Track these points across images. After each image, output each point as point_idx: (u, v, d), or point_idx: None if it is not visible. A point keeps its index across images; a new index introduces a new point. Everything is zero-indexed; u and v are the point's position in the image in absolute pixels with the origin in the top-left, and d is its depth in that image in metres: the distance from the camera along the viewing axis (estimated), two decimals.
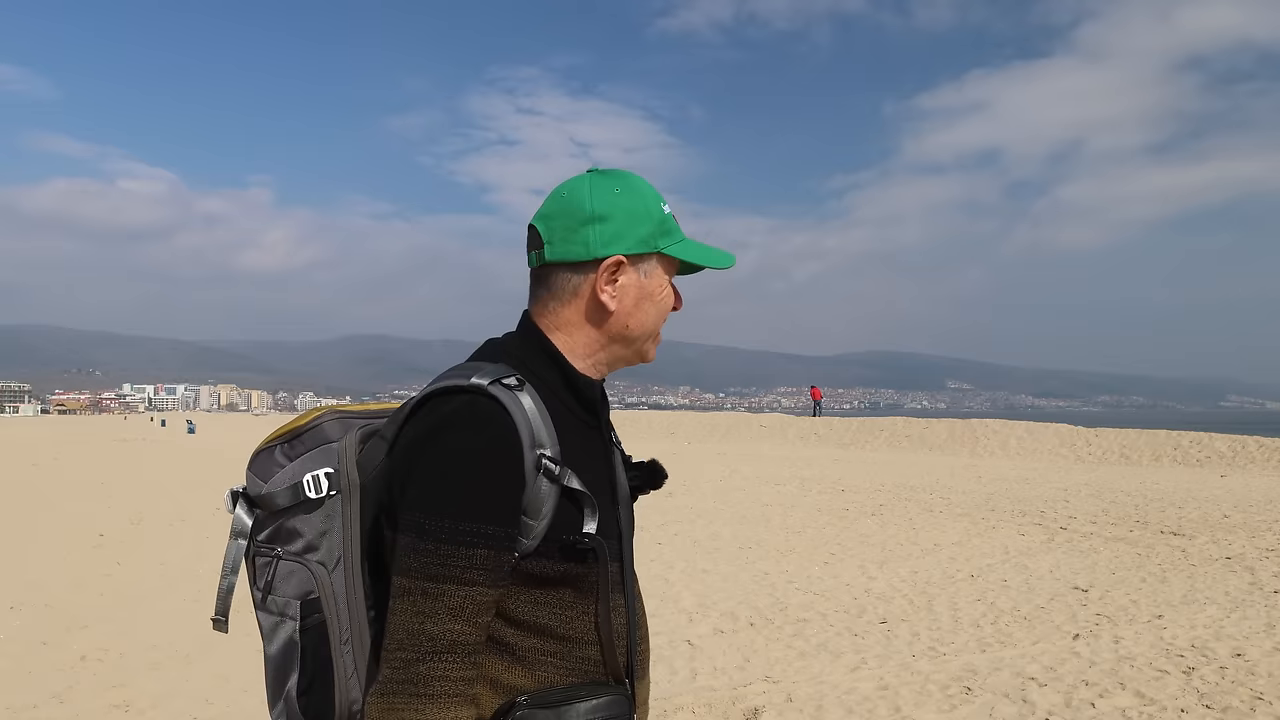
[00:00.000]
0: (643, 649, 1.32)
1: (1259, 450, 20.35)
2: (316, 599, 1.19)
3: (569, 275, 1.25)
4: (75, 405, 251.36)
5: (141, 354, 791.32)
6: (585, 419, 1.27)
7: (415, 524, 1.11)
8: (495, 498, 1.12)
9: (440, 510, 1.11)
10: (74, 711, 4.82)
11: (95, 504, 14.19)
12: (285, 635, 1.21)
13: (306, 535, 1.21)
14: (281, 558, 1.22)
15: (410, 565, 1.10)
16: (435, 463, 1.12)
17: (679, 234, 1.30)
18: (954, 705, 4.57)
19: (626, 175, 1.30)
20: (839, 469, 19.46)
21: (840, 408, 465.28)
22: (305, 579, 1.20)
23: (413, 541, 1.10)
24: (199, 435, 50.86)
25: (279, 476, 1.23)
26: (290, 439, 1.25)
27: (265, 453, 1.26)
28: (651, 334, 1.31)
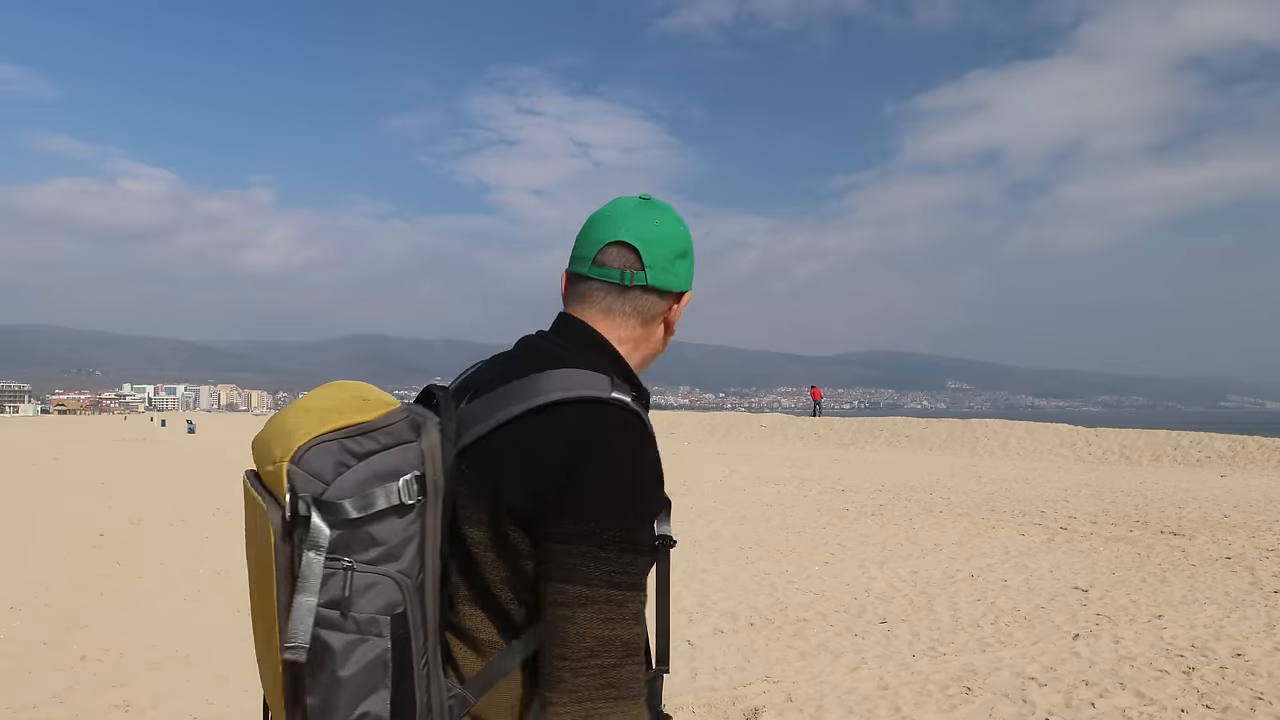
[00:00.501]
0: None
1: (1259, 450, 20.35)
2: (404, 613, 1.12)
3: (656, 300, 1.33)
4: (75, 405, 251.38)
5: (141, 354, 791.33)
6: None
7: (590, 534, 1.12)
8: (653, 507, 1.19)
9: (620, 520, 1.13)
10: (74, 711, 4.82)
11: (95, 504, 14.19)
12: (371, 654, 1.11)
13: (387, 543, 1.12)
14: (356, 569, 1.11)
15: (591, 574, 1.11)
16: (608, 474, 1.15)
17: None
18: (954, 705, 4.57)
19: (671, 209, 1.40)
20: (839, 469, 19.47)
21: (840, 408, 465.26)
22: (390, 591, 1.12)
23: (589, 550, 1.12)
24: (199, 435, 50.87)
25: (349, 477, 1.11)
26: (357, 434, 1.13)
27: (322, 446, 1.12)
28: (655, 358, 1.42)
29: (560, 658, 1.11)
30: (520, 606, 1.18)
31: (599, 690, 1.10)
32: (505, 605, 1.18)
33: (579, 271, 1.33)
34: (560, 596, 1.11)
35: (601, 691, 1.10)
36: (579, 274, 1.34)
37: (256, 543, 1.19)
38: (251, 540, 1.22)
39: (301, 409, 1.18)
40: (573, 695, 1.10)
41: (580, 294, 1.33)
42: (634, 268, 1.30)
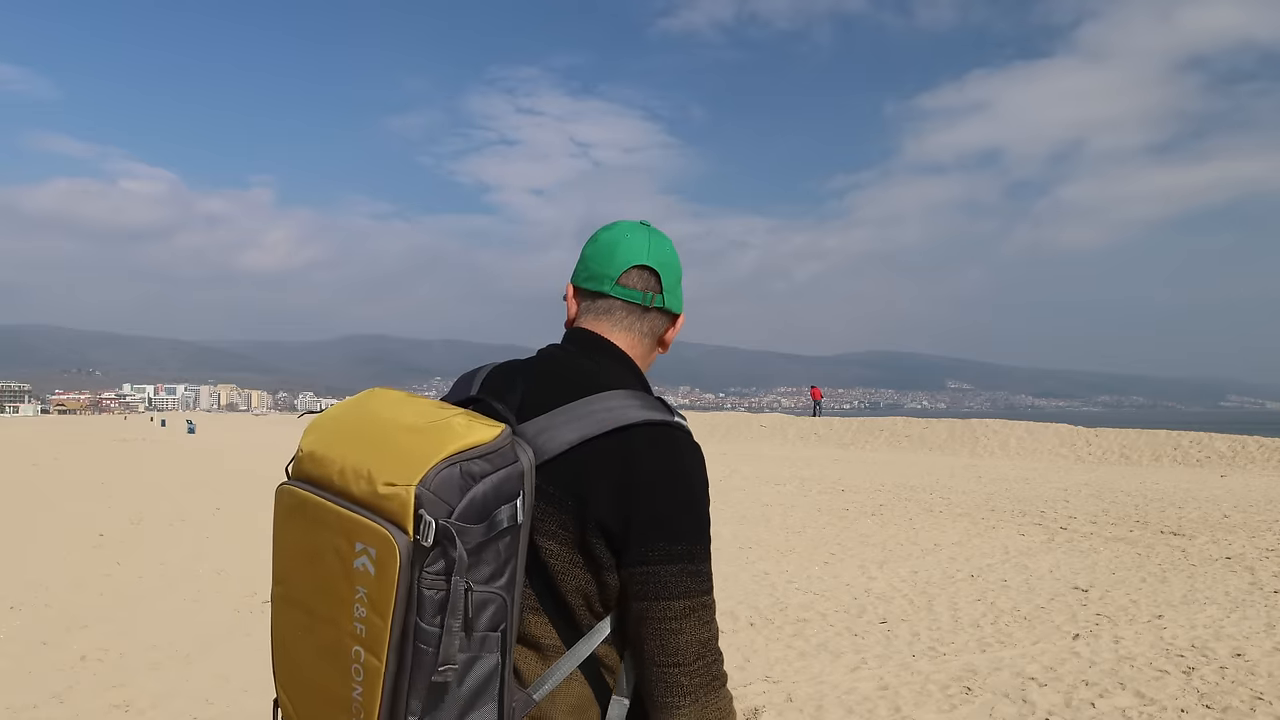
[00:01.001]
0: None
1: (1259, 450, 20.36)
2: (506, 629, 1.17)
3: (664, 321, 1.45)
4: (75, 405, 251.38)
5: (141, 354, 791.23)
6: None
7: (687, 553, 1.23)
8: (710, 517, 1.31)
9: (705, 536, 1.27)
10: (74, 711, 4.81)
11: (95, 504, 14.19)
12: (485, 669, 1.15)
13: (495, 563, 1.15)
14: (474, 589, 1.13)
15: (690, 588, 1.23)
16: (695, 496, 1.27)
17: None
18: (954, 705, 4.57)
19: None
20: (839, 469, 19.47)
21: (840, 408, 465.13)
22: (500, 609, 1.16)
23: (686, 567, 1.23)
24: (199, 435, 50.86)
25: (471, 500, 1.13)
26: (475, 457, 1.14)
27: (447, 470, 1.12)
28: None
29: (674, 665, 1.22)
30: (588, 613, 1.27)
31: (707, 685, 1.24)
32: (575, 612, 1.26)
33: (599, 289, 1.40)
34: (667, 611, 1.22)
35: (709, 685, 1.24)
36: (600, 292, 1.41)
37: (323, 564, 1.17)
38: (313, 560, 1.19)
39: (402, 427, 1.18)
40: (691, 695, 1.23)
41: (602, 311, 1.41)
42: (655, 290, 1.41)
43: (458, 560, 1.09)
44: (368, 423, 1.20)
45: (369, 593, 1.11)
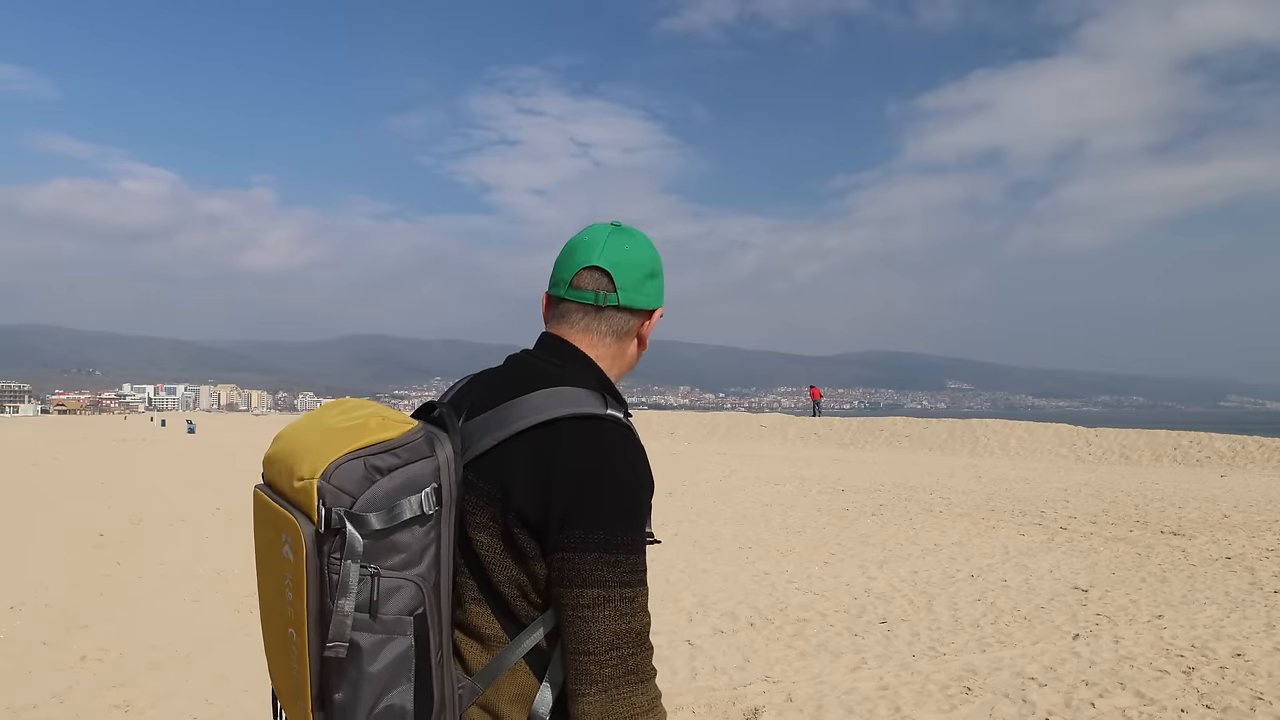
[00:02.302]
0: None
1: (1259, 450, 20.35)
2: (424, 614, 1.24)
3: (629, 318, 1.46)
4: (75, 405, 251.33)
5: (141, 354, 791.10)
6: None
7: (603, 542, 1.25)
8: (648, 510, 1.32)
9: (626, 527, 1.27)
10: (74, 711, 4.81)
11: (95, 504, 14.19)
12: (396, 651, 1.23)
13: (408, 550, 1.23)
14: (381, 575, 1.21)
15: (605, 578, 1.25)
16: (618, 485, 1.28)
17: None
18: (954, 705, 4.57)
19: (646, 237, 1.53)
20: (839, 469, 19.46)
21: (840, 408, 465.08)
22: (413, 595, 1.23)
23: (602, 556, 1.25)
24: (199, 435, 50.85)
25: (375, 491, 1.21)
26: (380, 451, 1.23)
27: (350, 464, 1.21)
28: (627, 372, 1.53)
29: (585, 653, 1.24)
30: (524, 604, 1.31)
31: (621, 678, 1.24)
32: (511, 603, 1.31)
33: (557, 294, 1.47)
34: (580, 599, 1.24)
35: (623, 679, 1.24)
36: (557, 296, 1.47)
37: (272, 554, 1.29)
38: (267, 551, 1.31)
39: (323, 428, 1.29)
40: (599, 685, 1.24)
41: (560, 315, 1.47)
42: (606, 290, 1.44)
43: (348, 546, 1.18)
44: (310, 427, 1.31)
45: (291, 576, 1.23)
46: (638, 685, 1.25)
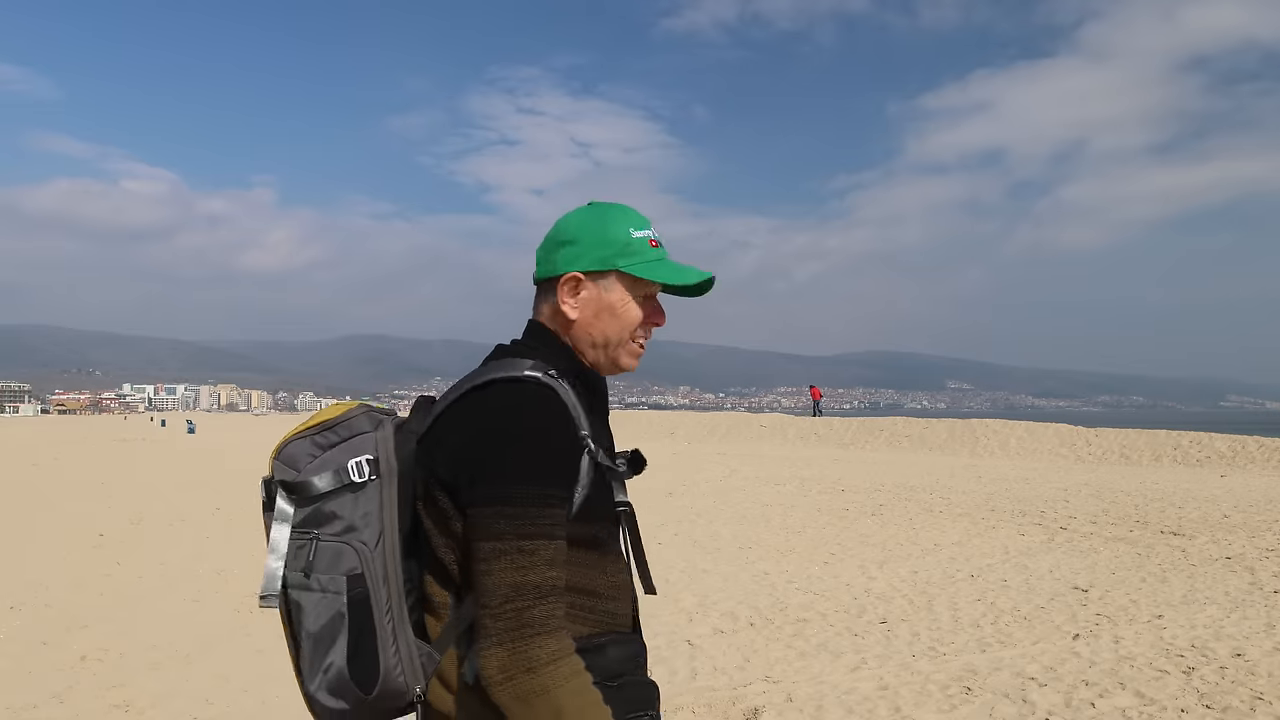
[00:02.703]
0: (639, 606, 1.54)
1: (1259, 450, 20.35)
2: (360, 574, 1.33)
3: (548, 290, 1.51)
4: (75, 405, 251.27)
5: (141, 354, 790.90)
6: (595, 408, 1.49)
7: (501, 495, 1.28)
8: (563, 466, 1.33)
9: (527, 479, 1.29)
10: (74, 711, 4.81)
11: (95, 504, 14.19)
12: (331, 610, 1.34)
13: (347, 518, 1.35)
14: (320, 539, 1.35)
15: (502, 530, 1.27)
16: (517, 440, 1.31)
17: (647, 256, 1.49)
18: (954, 705, 4.57)
19: (610, 206, 1.54)
20: (839, 469, 19.46)
21: (840, 408, 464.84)
22: (350, 556, 1.34)
23: (500, 509, 1.28)
24: (199, 435, 50.85)
25: (315, 464, 1.37)
26: (322, 430, 1.40)
27: (296, 443, 1.40)
28: (616, 343, 1.50)
29: (483, 606, 1.26)
30: (459, 568, 1.36)
31: (517, 630, 1.24)
32: (449, 568, 1.36)
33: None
34: (479, 553, 1.28)
35: (519, 631, 1.24)
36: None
37: None
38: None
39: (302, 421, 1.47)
40: (495, 639, 1.25)
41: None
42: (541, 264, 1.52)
43: (276, 510, 1.37)
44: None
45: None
46: (534, 639, 1.24)
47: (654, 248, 1.52)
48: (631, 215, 1.53)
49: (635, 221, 1.52)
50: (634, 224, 1.52)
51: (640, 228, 1.52)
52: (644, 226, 1.53)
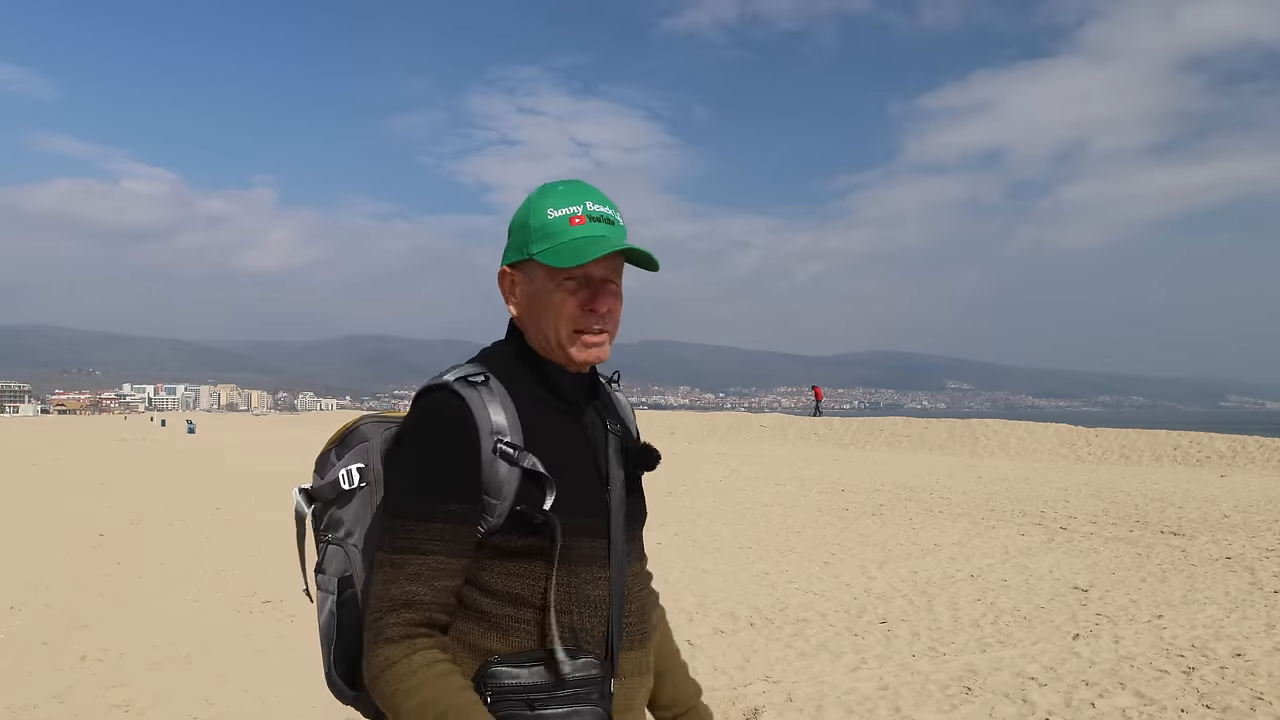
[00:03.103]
0: (633, 621, 1.43)
1: (1259, 450, 20.34)
2: (350, 577, 1.42)
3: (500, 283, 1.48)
4: (75, 405, 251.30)
5: (141, 354, 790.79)
6: (559, 407, 1.42)
7: (390, 507, 1.33)
8: (450, 478, 1.30)
9: (405, 490, 1.32)
10: (74, 711, 4.81)
11: (95, 504, 14.18)
12: (327, 608, 1.42)
13: (346, 522, 1.43)
14: (330, 542, 1.44)
15: (383, 541, 1.32)
16: (406, 451, 1.34)
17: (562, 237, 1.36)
18: (954, 705, 4.57)
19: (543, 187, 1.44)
20: (839, 469, 19.46)
21: (840, 408, 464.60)
22: (343, 560, 1.42)
23: (389, 521, 1.32)
24: (199, 435, 50.85)
25: (329, 473, 1.45)
26: (340, 442, 1.47)
27: (323, 455, 1.48)
28: (555, 337, 1.39)
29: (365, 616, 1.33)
30: None
31: (371, 640, 1.28)
32: None
33: None
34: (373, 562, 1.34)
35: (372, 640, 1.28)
36: None
37: None
38: None
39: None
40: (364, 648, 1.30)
41: None
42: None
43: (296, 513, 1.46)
44: None
45: None
46: (376, 646, 1.27)
47: (577, 225, 1.37)
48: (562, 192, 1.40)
49: (559, 199, 1.39)
50: (556, 202, 1.39)
51: (564, 205, 1.39)
52: (570, 203, 1.39)
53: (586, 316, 1.38)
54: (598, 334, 1.40)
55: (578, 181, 1.44)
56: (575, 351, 1.40)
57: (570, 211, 1.38)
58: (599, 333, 1.40)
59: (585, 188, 1.42)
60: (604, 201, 1.42)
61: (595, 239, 1.36)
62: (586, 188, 1.42)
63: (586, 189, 1.42)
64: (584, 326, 1.39)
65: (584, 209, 1.38)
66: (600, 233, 1.38)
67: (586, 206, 1.38)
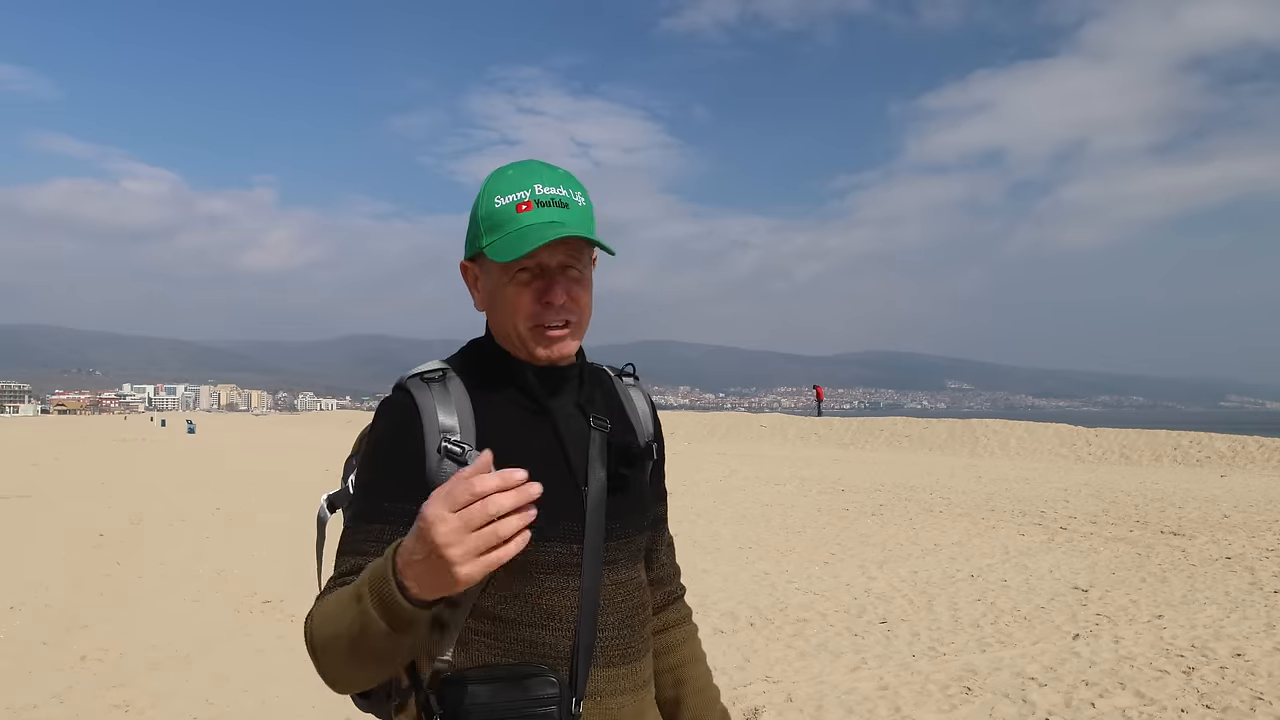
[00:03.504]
0: (612, 635, 1.31)
1: (1259, 450, 20.34)
2: None
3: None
4: (75, 405, 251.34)
5: (141, 354, 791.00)
6: (527, 405, 1.33)
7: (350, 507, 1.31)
8: (391, 479, 1.25)
9: (355, 491, 1.30)
10: (74, 711, 4.81)
11: (95, 504, 14.18)
12: None
13: None
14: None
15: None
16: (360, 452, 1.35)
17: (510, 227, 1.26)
18: (954, 705, 4.57)
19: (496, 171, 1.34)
20: (839, 469, 19.46)
21: (840, 408, 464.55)
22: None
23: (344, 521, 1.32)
24: (199, 435, 50.85)
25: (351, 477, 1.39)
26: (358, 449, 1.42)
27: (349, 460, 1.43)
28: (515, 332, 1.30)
29: None
30: None
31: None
32: None
33: None
34: None
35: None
36: None
37: None
38: None
39: None
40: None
41: None
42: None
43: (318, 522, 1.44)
44: None
45: None
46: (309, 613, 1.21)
47: (524, 212, 1.26)
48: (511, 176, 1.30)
49: (507, 184, 1.29)
50: (503, 188, 1.29)
51: (511, 190, 1.28)
52: (517, 188, 1.28)
53: (544, 310, 1.28)
54: (561, 327, 1.29)
55: (529, 163, 1.32)
56: (536, 348, 1.30)
57: (516, 198, 1.27)
58: (562, 325, 1.29)
59: (536, 168, 1.31)
60: (556, 181, 1.29)
61: (542, 225, 1.25)
62: (537, 168, 1.31)
63: (537, 169, 1.30)
64: (543, 320, 1.28)
65: (531, 193, 1.27)
66: (550, 218, 1.26)
67: (535, 190, 1.27)
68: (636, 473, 1.38)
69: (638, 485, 1.39)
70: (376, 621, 1.05)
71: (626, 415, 1.44)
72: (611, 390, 1.45)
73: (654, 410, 1.51)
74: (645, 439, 1.44)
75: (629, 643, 1.33)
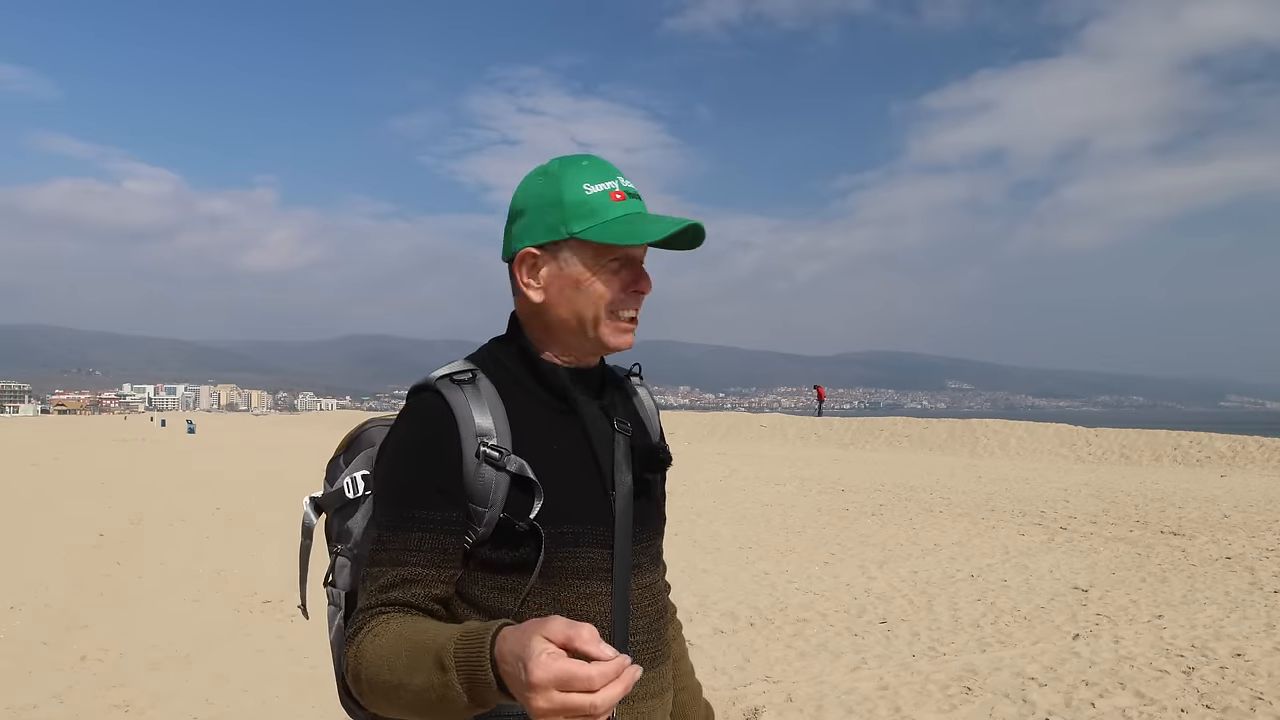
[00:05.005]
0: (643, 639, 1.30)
1: (1259, 450, 20.34)
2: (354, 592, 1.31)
3: (510, 274, 1.32)
4: (75, 405, 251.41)
5: (141, 354, 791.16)
6: (557, 406, 1.30)
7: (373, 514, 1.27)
8: (429, 485, 1.20)
9: (384, 499, 1.24)
10: (74, 711, 4.81)
11: (95, 504, 14.18)
12: (336, 623, 1.33)
13: (355, 532, 1.33)
14: (340, 554, 1.34)
15: (368, 553, 1.23)
16: (385, 456, 1.27)
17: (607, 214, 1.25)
18: (954, 705, 4.57)
19: (566, 160, 1.30)
20: (839, 469, 19.46)
21: (840, 408, 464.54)
22: (351, 571, 1.33)
23: (370, 530, 1.26)
24: (199, 435, 50.85)
25: (338, 481, 1.36)
26: (348, 447, 1.40)
27: (333, 461, 1.40)
28: (593, 321, 1.28)
29: None
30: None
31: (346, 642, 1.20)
32: None
33: None
34: None
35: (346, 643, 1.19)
36: None
37: None
38: None
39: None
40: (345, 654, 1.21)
41: None
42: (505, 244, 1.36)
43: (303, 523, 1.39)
44: None
45: None
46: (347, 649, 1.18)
47: (619, 201, 1.27)
48: (588, 167, 1.29)
49: (592, 174, 1.28)
50: (589, 177, 1.28)
51: (599, 180, 1.28)
52: (605, 178, 1.28)
53: (632, 298, 1.29)
54: (633, 320, 1.31)
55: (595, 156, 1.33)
56: (612, 338, 1.29)
57: (607, 187, 1.27)
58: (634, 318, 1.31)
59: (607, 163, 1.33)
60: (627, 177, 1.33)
61: (647, 217, 1.28)
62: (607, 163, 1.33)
63: (609, 164, 1.32)
64: (624, 308, 1.29)
65: (618, 184, 1.29)
66: (638, 209, 1.29)
67: (620, 182, 1.29)
68: (658, 477, 1.40)
69: (658, 489, 1.41)
70: (461, 697, 1.04)
71: (642, 418, 1.44)
72: (628, 392, 1.45)
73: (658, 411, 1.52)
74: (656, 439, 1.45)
75: (656, 646, 1.34)
